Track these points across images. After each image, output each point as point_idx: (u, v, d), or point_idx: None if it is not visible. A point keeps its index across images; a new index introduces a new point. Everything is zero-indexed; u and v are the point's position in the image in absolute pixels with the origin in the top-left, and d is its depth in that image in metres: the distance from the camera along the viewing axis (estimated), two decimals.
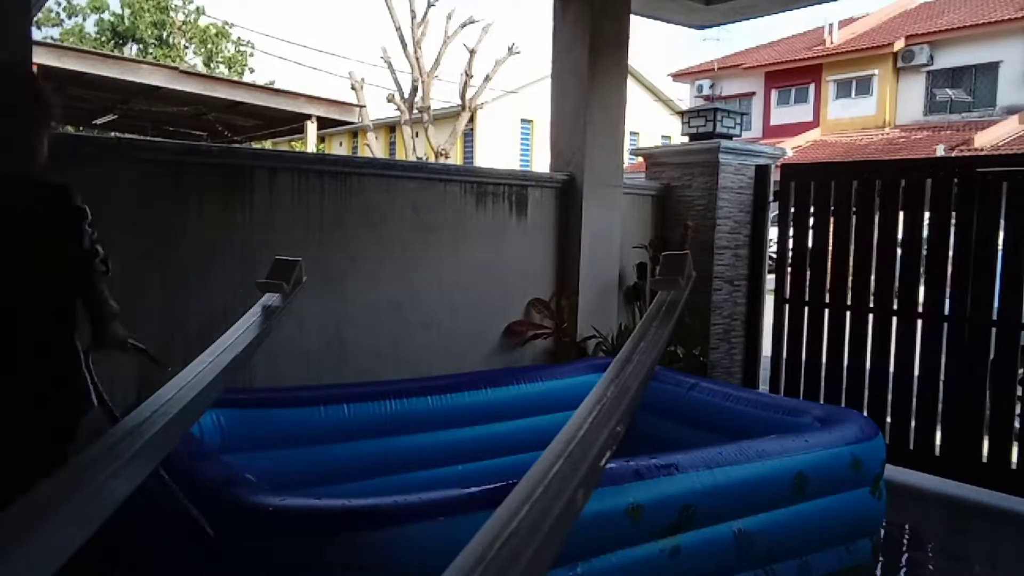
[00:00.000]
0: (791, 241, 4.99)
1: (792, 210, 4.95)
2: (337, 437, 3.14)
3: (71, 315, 1.89)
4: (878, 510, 2.95)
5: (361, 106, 14.73)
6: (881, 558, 3.26)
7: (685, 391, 3.61)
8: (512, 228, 4.48)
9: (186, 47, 27.73)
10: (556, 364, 4.27)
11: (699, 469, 2.42)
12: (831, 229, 4.71)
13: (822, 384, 4.70)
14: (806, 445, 2.73)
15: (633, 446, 2.75)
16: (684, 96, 26.12)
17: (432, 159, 16.91)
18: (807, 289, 4.84)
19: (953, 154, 16.04)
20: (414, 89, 18.08)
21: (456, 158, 20.82)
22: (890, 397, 4.38)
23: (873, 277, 4.51)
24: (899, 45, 21.30)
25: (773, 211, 5.25)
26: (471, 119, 20.16)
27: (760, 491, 2.55)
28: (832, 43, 23.21)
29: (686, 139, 5.33)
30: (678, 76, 26.66)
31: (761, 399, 3.44)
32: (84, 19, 27.66)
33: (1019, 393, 4.18)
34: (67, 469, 1.23)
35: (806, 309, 4.83)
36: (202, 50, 27.91)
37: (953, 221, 4.16)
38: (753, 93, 24.50)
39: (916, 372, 4.29)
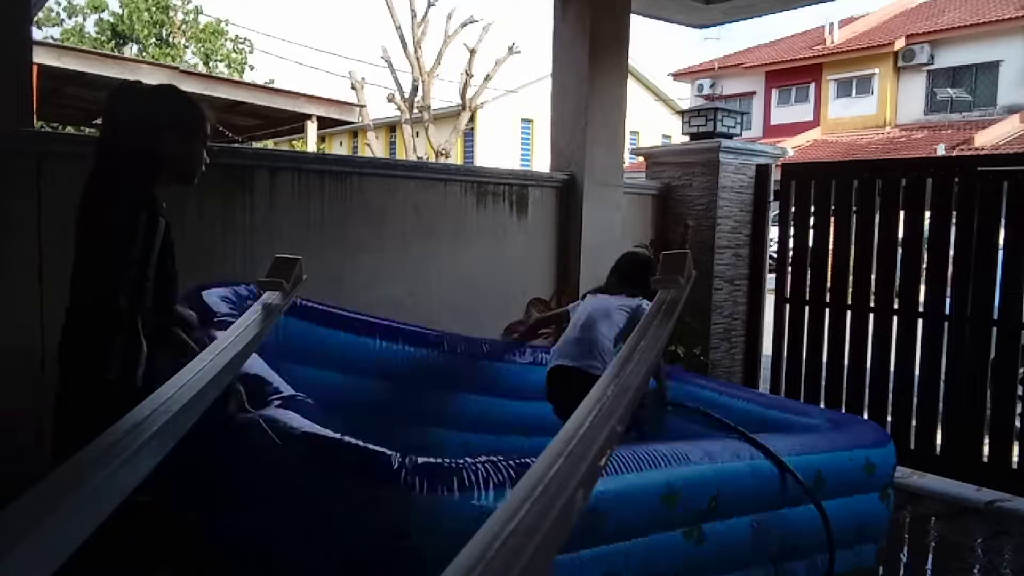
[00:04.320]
0: (791, 240, 4.99)
1: (792, 209, 4.95)
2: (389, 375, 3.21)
3: None
4: (885, 517, 2.96)
5: (361, 106, 14.73)
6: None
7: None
8: (512, 227, 4.48)
9: (186, 47, 27.74)
10: None
11: (729, 460, 2.43)
12: (831, 228, 4.71)
13: (823, 383, 4.70)
14: (827, 444, 2.75)
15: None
16: (685, 95, 26.12)
17: (432, 159, 16.91)
18: (808, 288, 4.83)
19: (953, 153, 16.04)
20: (414, 89, 18.08)
21: (456, 158, 20.83)
22: (891, 397, 4.38)
23: (874, 276, 4.51)
24: (899, 44, 21.31)
25: (774, 210, 5.24)
26: (471, 119, 20.17)
27: (778, 486, 2.55)
28: (832, 42, 23.22)
29: (686, 138, 5.33)
30: (678, 75, 26.67)
31: (773, 402, 3.47)
32: (84, 19, 27.69)
33: (1020, 392, 4.18)
34: (67, 468, 1.23)
35: (807, 308, 4.83)
36: (200, 49, 27.92)
37: (954, 220, 4.16)
38: (753, 92, 24.51)
39: (917, 372, 4.29)
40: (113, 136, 2.04)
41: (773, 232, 5.33)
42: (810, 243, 4.81)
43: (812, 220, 4.81)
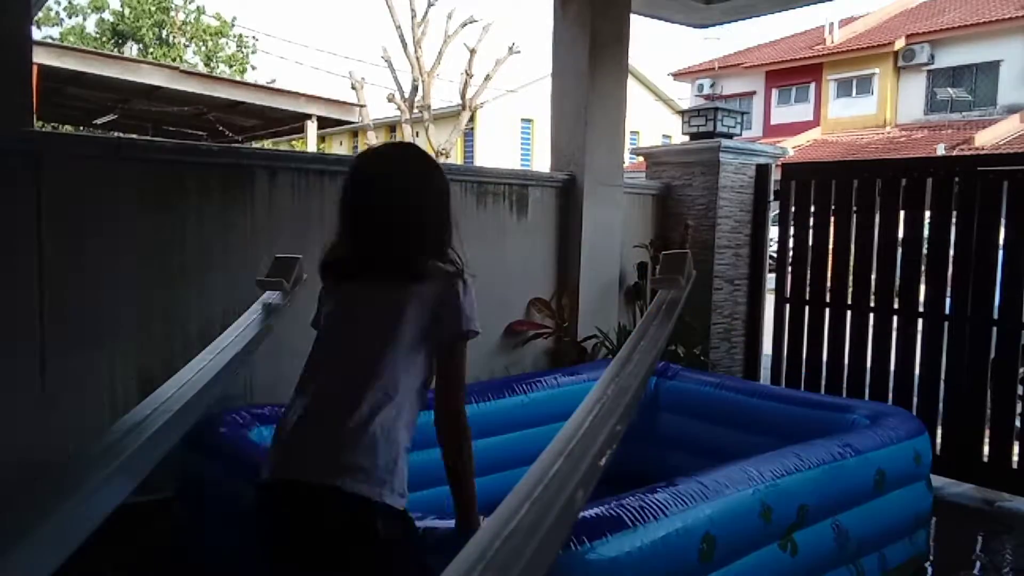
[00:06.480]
0: (792, 240, 4.99)
1: (793, 209, 4.95)
2: None
3: None
4: (929, 500, 3.04)
5: (361, 105, 14.75)
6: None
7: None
8: (512, 227, 4.48)
9: (186, 46, 27.72)
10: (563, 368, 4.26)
11: (811, 468, 2.44)
12: (832, 228, 4.71)
13: (823, 383, 4.70)
14: (883, 441, 2.77)
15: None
16: (685, 95, 26.12)
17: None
18: (808, 288, 4.83)
19: (954, 153, 16.04)
20: (414, 88, 18.09)
21: (456, 157, 20.84)
22: (891, 396, 4.38)
23: (874, 276, 4.51)
24: (900, 44, 21.30)
25: (774, 210, 5.24)
26: (471, 118, 20.19)
27: (851, 486, 2.60)
28: (832, 42, 23.22)
29: (686, 138, 5.33)
30: (679, 75, 26.67)
31: (810, 398, 3.49)
32: (84, 19, 27.69)
33: (1020, 392, 4.18)
34: (67, 467, 1.23)
35: (807, 308, 4.83)
36: (201, 50, 27.90)
37: (954, 220, 4.16)
38: (754, 92, 24.50)
39: (917, 371, 4.29)
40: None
41: (773, 232, 5.33)
42: (810, 243, 4.81)
43: (812, 220, 4.80)
